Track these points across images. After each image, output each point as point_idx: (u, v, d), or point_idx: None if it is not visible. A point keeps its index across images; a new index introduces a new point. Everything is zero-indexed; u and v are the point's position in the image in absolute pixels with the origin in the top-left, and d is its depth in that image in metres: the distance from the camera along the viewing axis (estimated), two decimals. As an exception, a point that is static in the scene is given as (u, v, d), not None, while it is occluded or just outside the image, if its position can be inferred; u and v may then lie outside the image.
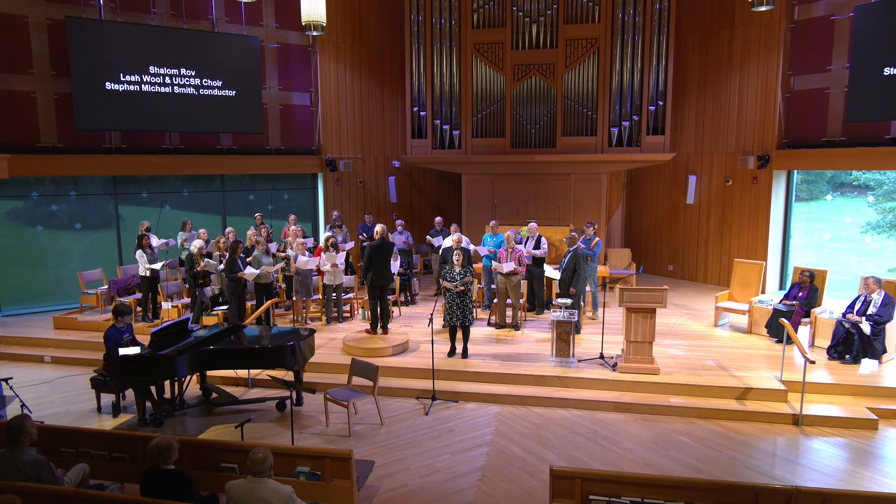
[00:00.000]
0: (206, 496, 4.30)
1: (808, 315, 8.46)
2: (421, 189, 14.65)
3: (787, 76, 10.87)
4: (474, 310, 8.37)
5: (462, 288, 7.85)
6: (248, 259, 9.26)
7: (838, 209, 11.94)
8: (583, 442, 6.26)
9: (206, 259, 9.35)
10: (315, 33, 8.21)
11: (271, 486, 3.87)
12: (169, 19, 11.59)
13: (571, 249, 8.79)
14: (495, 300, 9.64)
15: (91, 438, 5.25)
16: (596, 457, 5.96)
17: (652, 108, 11.76)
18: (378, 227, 9.00)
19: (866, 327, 7.64)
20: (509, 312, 9.55)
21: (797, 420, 6.61)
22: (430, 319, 7.23)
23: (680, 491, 4.21)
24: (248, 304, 9.49)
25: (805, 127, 10.73)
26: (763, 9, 7.74)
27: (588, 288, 9.77)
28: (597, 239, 9.86)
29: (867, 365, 7.63)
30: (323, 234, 11.47)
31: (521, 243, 9.85)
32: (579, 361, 7.82)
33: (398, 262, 10.51)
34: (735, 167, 11.70)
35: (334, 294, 9.88)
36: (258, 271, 8.90)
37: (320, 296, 10.06)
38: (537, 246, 9.87)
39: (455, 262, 8.02)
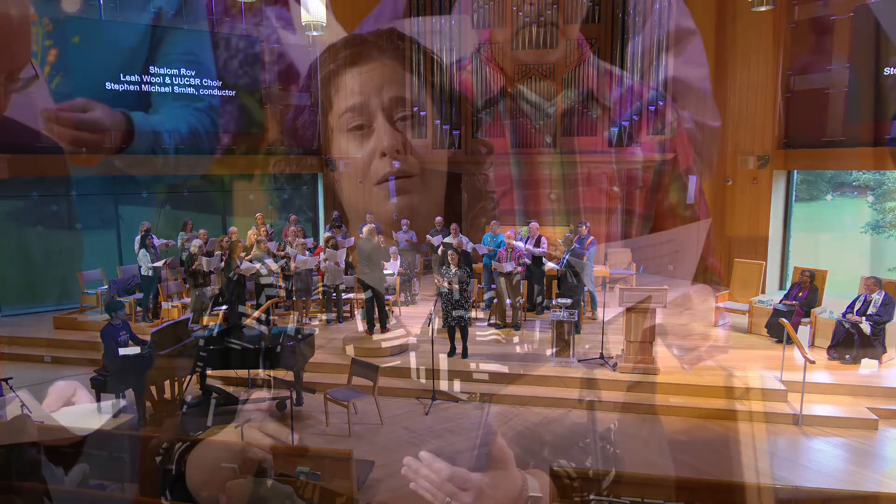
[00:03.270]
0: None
1: (808, 315, 8.45)
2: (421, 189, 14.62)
3: (787, 76, 10.86)
4: (471, 310, 8.36)
5: (455, 286, 7.83)
6: (248, 258, 9.26)
7: (838, 209, 11.93)
8: (583, 442, 6.26)
9: (204, 257, 9.33)
10: (315, 33, 8.22)
11: (271, 487, 3.87)
12: (169, 19, 11.59)
13: (569, 250, 8.79)
14: (495, 300, 9.63)
15: (91, 438, 5.24)
16: (596, 457, 5.95)
17: (652, 108, 11.75)
18: (365, 229, 8.94)
19: (866, 327, 7.63)
20: (509, 312, 9.55)
21: (797, 420, 6.61)
22: (430, 319, 7.23)
23: (680, 491, 4.21)
24: (248, 303, 9.49)
25: (805, 127, 10.72)
26: (763, 9, 7.76)
27: (587, 287, 9.76)
28: (591, 237, 9.84)
29: (867, 365, 7.62)
30: (323, 234, 11.47)
31: (521, 242, 9.83)
32: (579, 361, 7.82)
33: (398, 262, 10.50)
34: (735, 167, 11.69)
35: (334, 294, 9.88)
36: (255, 265, 8.89)
37: (320, 296, 10.05)
38: (537, 245, 9.86)
39: (450, 262, 8.02)
